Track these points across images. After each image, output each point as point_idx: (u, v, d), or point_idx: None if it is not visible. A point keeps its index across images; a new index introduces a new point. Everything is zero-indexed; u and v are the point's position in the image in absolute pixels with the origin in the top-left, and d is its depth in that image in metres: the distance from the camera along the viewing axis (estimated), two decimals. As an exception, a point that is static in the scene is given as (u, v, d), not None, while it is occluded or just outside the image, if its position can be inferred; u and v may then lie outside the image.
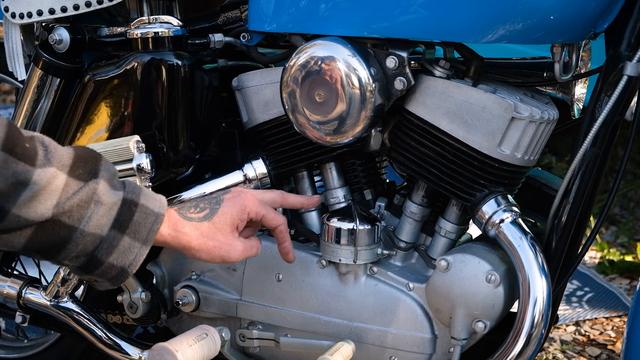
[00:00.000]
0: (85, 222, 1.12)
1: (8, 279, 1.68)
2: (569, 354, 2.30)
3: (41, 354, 1.94)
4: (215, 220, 1.26)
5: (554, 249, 1.34)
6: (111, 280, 1.18)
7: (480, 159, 1.31)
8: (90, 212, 1.13)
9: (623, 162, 1.36)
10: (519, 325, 1.30)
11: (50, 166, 1.10)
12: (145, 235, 1.17)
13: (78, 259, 1.15)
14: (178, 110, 1.47)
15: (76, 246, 1.13)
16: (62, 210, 1.10)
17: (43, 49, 1.54)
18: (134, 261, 1.17)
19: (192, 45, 1.49)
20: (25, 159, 1.07)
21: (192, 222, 1.24)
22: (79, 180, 1.12)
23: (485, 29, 1.24)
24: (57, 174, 1.10)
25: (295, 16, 1.34)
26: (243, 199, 1.29)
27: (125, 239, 1.16)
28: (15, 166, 1.06)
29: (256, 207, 1.30)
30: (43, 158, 1.09)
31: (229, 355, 1.45)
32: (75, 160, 1.13)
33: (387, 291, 1.40)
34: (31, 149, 1.09)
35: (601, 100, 1.29)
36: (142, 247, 1.17)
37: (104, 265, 1.16)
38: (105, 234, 1.14)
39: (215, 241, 1.25)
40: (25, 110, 1.59)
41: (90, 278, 1.19)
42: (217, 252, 1.25)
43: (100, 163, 1.16)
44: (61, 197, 1.10)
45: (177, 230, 1.22)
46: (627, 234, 3.16)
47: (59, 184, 1.10)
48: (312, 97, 1.33)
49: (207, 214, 1.26)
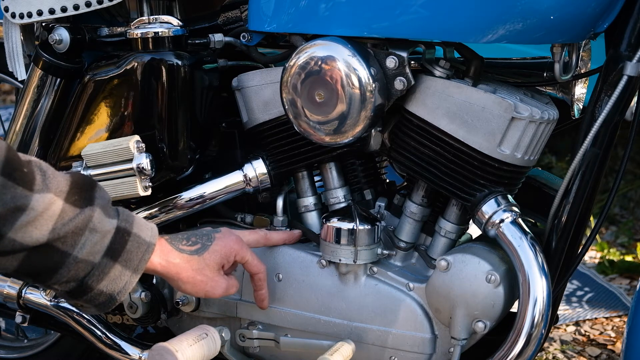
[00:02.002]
0: (79, 248, 1.14)
1: (8, 279, 1.68)
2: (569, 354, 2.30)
3: (41, 354, 1.94)
4: (206, 257, 1.30)
5: (554, 249, 1.34)
6: (98, 306, 1.20)
7: (480, 159, 1.31)
8: (85, 239, 1.14)
9: (623, 162, 1.36)
10: (519, 325, 1.30)
11: (48, 192, 1.11)
12: (137, 264, 1.20)
13: (68, 284, 1.16)
14: (178, 110, 1.47)
15: (68, 272, 1.14)
16: (57, 236, 1.12)
17: (43, 49, 1.54)
18: (123, 289, 1.19)
19: (192, 45, 1.49)
20: (24, 184, 1.08)
21: (182, 254, 1.28)
22: (74, 206, 1.13)
23: (485, 29, 1.24)
24: (55, 200, 1.11)
25: (295, 16, 1.34)
26: (232, 242, 1.35)
27: (116, 267, 1.18)
28: (13, 191, 1.07)
29: (243, 252, 1.36)
30: (41, 183, 1.10)
31: (229, 355, 1.45)
32: (72, 186, 1.15)
33: (387, 291, 1.40)
34: (29, 174, 1.09)
35: (601, 100, 1.29)
36: (133, 275, 1.19)
37: (94, 292, 1.17)
38: (98, 261, 1.16)
39: (203, 276, 1.30)
40: (25, 110, 1.59)
41: (77, 303, 1.21)
42: (202, 287, 1.30)
43: (95, 190, 1.18)
44: (57, 223, 1.11)
45: (168, 261, 1.26)
46: (627, 234, 3.16)
47: (56, 210, 1.11)
48: (312, 97, 1.33)
49: (199, 248, 1.30)
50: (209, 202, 1.51)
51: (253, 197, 1.52)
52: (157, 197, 1.51)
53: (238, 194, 1.51)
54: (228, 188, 1.50)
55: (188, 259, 1.28)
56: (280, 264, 1.45)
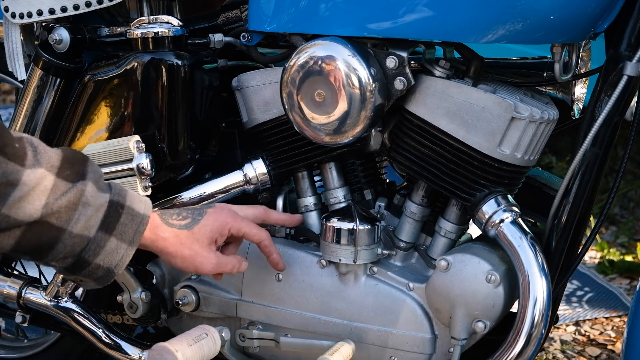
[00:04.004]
0: (73, 223, 1.13)
1: (8, 279, 1.68)
2: (569, 354, 2.30)
3: (41, 354, 1.94)
4: (195, 231, 1.28)
5: (554, 249, 1.34)
6: (97, 280, 1.20)
7: (480, 159, 1.31)
8: (78, 213, 1.14)
9: (623, 162, 1.36)
10: (519, 325, 1.30)
11: (40, 167, 1.11)
12: (132, 236, 1.19)
13: (65, 259, 1.16)
14: (178, 110, 1.47)
15: (64, 247, 1.14)
16: (51, 211, 1.11)
17: (43, 49, 1.54)
18: (120, 262, 1.19)
19: (192, 45, 1.49)
20: (15, 159, 1.08)
21: (172, 228, 1.27)
22: (66, 181, 1.13)
23: (485, 29, 1.24)
24: (46, 174, 1.11)
25: (295, 16, 1.34)
26: (225, 215, 1.32)
27: (112, 240, 1.17)
28: (5, 166, 1.07)
29: (237, 224, 1.33)
30: (32, 159, 1.10)
31: (229, 355, 1.45)
32: (63, 161, 1.14)
33: (387, 291, 1.40)
34: (20, 149, 1.09)
35: (601, 100, 1.29)
36: (129, 248, 1.19)
37: (91, 266, 1.17)
38: (93, 236, 1.15)
39: (191, 250, 1.27)
40: (25, 110, 1.59)
41: (76, 278, 1.21)
42: (190, 262, 1.28)
43: (87, 165, 1.17)
44: (49, 197, 1.11)
45: (156, 235, 1.25)
46: (627, 234, 3.16)
47: (48, 185, 1.11)
48: (312, 97, 1.33)
49: (189, 223, 1.29)
50: (209, 202, 1.50)
51: (253, 197, 1.52)
52: (157, 197, 1.51)
53: (238, 194, 1.51)
54: (228, 188, 1.50)
55: (177, 233, 1.27)
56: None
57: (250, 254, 1.47)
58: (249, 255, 1.47)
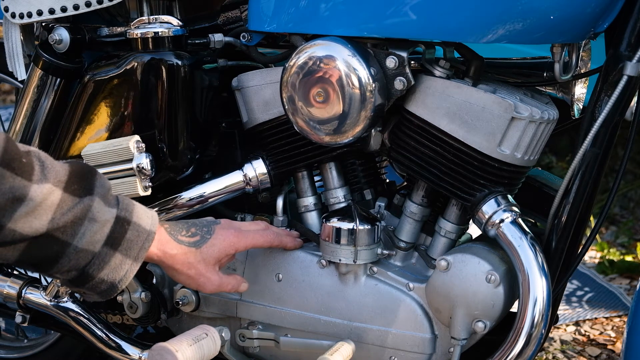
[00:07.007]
0: (78, 238, 1.14)
1: (8, 278, 1.68)
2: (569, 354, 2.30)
3: (41, 354, 1.94)
4: (203, 250, 1.31)
5: (554, 249, 1.34)
6: (100, 293, 1.20)
7: (480, 159, 1.31)
8: (84, 228, 1.14)
9: (623, 162, 1.36)
10: (519, 325, 1.30)
11: (47, 182, 1.11)
12: (137, 252, 1.20)
13: (69, 272, 1.17)
14: (178, 110, 1.47)
15: (69, 261, 1.15)
16: (57, 225, 1.12)
17: (43, 49, 1.54)
18: (124, 277, 1.20)
19: (192, 45, 1.49)
20: (22, 174, 1.08)
21: (180, 245, 1.28)
22: (74, 196, 1.14)
23: (485, 29, 1.24)
24: (53, 190, 1.11)
25: (295, 16, 1.34)
26: (232, 235, 1.34)
27: (117, 255, 1.18)
28: (12, 181, 1.07)
29: (243, 243, 1.36)
30: (39, 174, 1.10)
31: (229, 355, 1.45)
32: (71, 175, 1.15)
33: (387, 291, 1.40)
34: (28, 164, 1.09)
35: (601, 100, 1.29)
36: (133, 264, 1.20)
37: (95, 280, 1.18)
38: (98, 251, 1.16)
39: (197, 270, 1.30)
40: (25, 110, 1.59)
41: (80, 290, 1.21)
42: (194, 281, 1.31)
43: (95, 179, 1.18)
44: (56, 212, 1.12)
45: (164, 252, 1.26)
46: (627, 234, 3.16)
47: (55, 200, 1.11)
48: (312, 97, 1.33)
49: (197, 240, 1.30)
50: (209, 202, 1.51)
51: (253, 197, 1.52)
52: (157, 197, 1.51)
53: (238, 194, 1.51)
54: (228, 188, 1.50)
55: (185, 251, 1.28)
56: (280, 264, 1.45)
57: (251, 254, 1.47)
58: (249, 255, 1.48)
